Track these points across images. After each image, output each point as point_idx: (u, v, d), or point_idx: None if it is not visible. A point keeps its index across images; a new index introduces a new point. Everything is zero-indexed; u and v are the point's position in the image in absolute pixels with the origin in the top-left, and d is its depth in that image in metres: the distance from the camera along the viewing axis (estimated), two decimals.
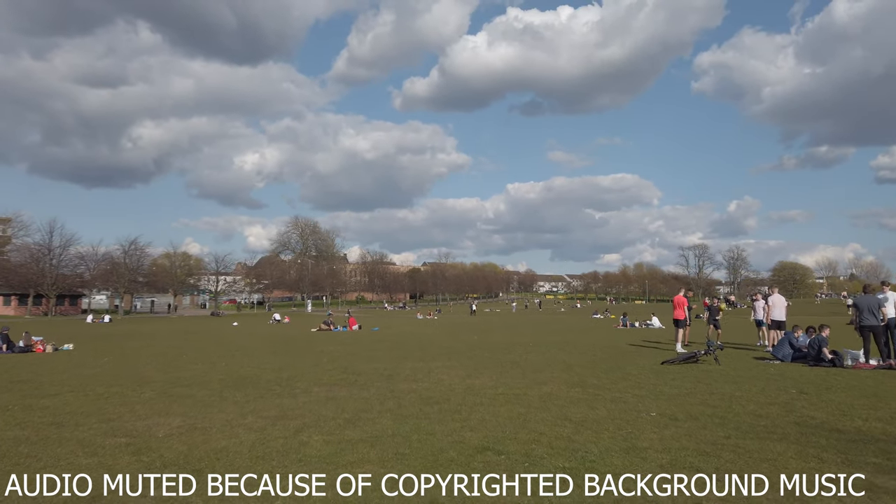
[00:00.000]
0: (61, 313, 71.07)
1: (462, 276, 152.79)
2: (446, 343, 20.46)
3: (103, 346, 21.30)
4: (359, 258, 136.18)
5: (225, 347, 19.64)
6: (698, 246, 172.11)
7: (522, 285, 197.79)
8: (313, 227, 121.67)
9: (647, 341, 20.92)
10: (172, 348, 19.53)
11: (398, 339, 23.41)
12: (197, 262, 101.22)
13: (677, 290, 21.92)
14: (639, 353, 16.37)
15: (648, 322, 34.16)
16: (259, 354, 16.75)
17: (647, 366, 13.01)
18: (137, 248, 77.71)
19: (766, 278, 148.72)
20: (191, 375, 11.85)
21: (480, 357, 15.07)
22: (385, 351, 17.48)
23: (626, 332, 28.64)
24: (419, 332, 28.47)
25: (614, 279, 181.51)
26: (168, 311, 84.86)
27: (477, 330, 30.53)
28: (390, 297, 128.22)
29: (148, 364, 14.32)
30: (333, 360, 14.81)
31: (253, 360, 14.91)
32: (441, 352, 16.87)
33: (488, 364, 13.36)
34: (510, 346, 18.83)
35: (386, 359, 14.86)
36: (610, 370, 12.15)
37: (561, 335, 25.05)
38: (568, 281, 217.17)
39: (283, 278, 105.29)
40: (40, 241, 67.94)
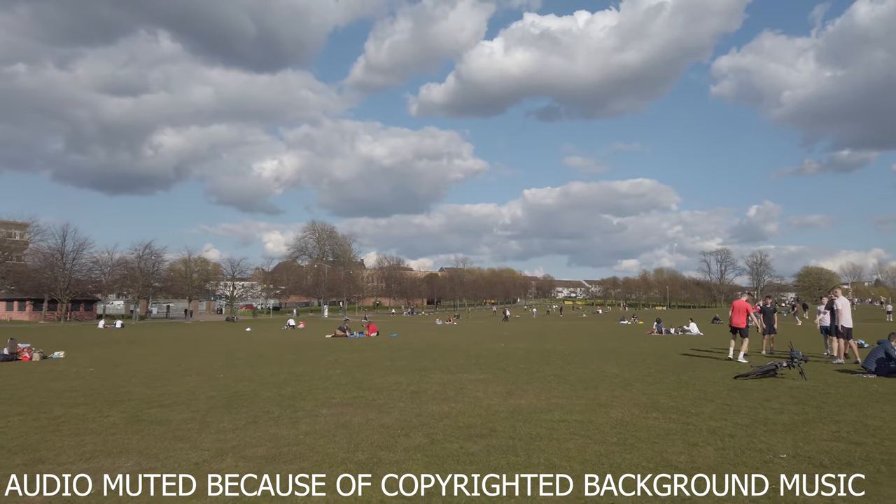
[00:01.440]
0: (76, 319, 70.22)
1: (480, 281, 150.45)
2: (472, 351, 18.44)
3: (101, 353, 19.61)
4: (375, 263, 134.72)
5: (229, 356, 17.83)
6: (720, 251, 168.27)
7: (540, 291, 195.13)
8: (330, 231, 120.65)
9: (696, 350, 18.68)
10: (173, 356, 17.77)
11: (420, 346, 21.44)
12: (215, 268, 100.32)
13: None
14: (695, 363, 14.20)
15: (686, 328, 31.76)
16: (264, 364, 14.89)
17: (719, 380, 10.89)
18: (153, 253, 76.77)
19: (791, 284, 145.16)
20: (178, 391, 9.98)
21: (516, 369, 13.03)
22: (406, 360, 15.51)
23: (663, 339, 26.35)
24: (441, 339, 26.48)
25: (634, 285, 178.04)
26: (185, 316, 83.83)
27: (501, 336, 28.45)
28: (408, 302, 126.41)
29: (136, 375, 12.50)
30: (348, 371, 12.88)
31: (255, 371, 13.03)
32: (469, 361, 14.87)
33: (528, 377, 11.32)
34: (545, 355, 16.76)
35: (408, 370, 12.89)
36: (678, 386, 10.04)
37: (595, 342, 22.89)
38: (587, 286, 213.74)
39: (300, 283, 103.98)
40: (53, 246, 67.12)
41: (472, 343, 23.14)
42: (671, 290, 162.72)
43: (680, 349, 18.97)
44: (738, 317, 15.07)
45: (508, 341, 24.25)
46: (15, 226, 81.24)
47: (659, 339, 26.73)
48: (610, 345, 21.46)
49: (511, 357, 16.07)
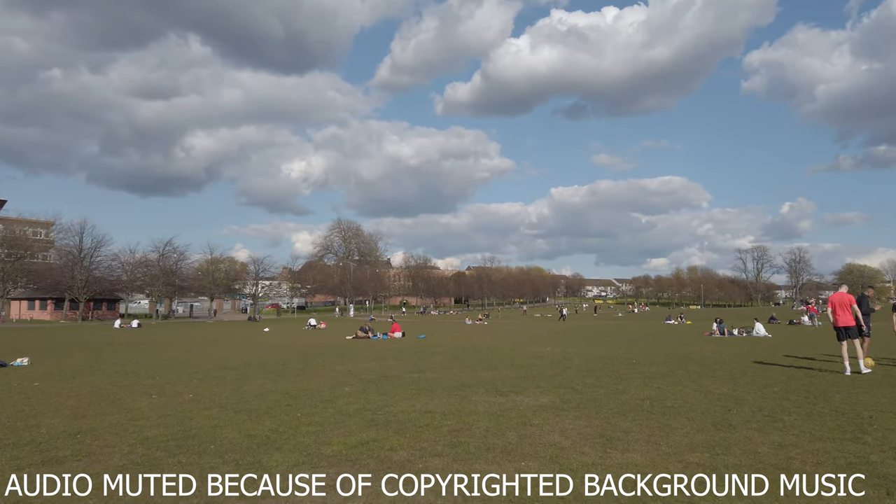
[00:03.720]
0: (99, 318, 68.70)
1: (508, 279, 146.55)
2: (517, 358, 15.05)
3: (79, 359, 16.76)
4: (402, 262, 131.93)
5: (223, 363, 14.76)
6: (756, 248, 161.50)
7: (570, 289, 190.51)
8: (356, 230, 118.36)
9: (792, 356, 14.94)
10: (157, 363, 14.78)
11: (451, 350, 18.13)
12: (243, 267, 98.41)
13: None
14: (822, 380, 10.51)
15: (749, 330, 27.79)
16: (260, 375, 11.75)
17: (888, 406, 7.44)
18: (175, 251, 74.99)
19: (831, 282, 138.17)
20: (106, 426, 6.81)
21: (586, 387, 9.61)
22: (438, 371, 12.21)
23: (729, 342, 22.51)
24: (475, 341, 23.09)
25: (667, 283, 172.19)
26: (208, 315, 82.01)
27: (542, 338, 24.95)
28: (435, 301, 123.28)
29: (80, 394, 9.44)
30: (361, 388, 9.62)
31: (240, 388, 9.87)
32: (518, 373, 11.50)
33: (614, 404, 7.90)
34: (609, 363, 13.30)
35: (441, 388, 9.57)
36: (852, 424, 6.54)
37: (658, 346, 19.28)
38: (616, 285, 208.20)
39: (326, 282, 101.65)
40: (71, 244, 65.54)
41: (511, 346, 19.75)
42: (705, 288, 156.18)
43: (768, 356, 15.27)
44: (844, 314, 11.42)
45: (553, 344, 20.79)
46: (39, 224, 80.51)
47: (725, 341, 22.93)
48: (679, 349, 17.85)
49: (569, 367, 12.65)
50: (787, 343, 20.98)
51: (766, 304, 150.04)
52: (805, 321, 40.31)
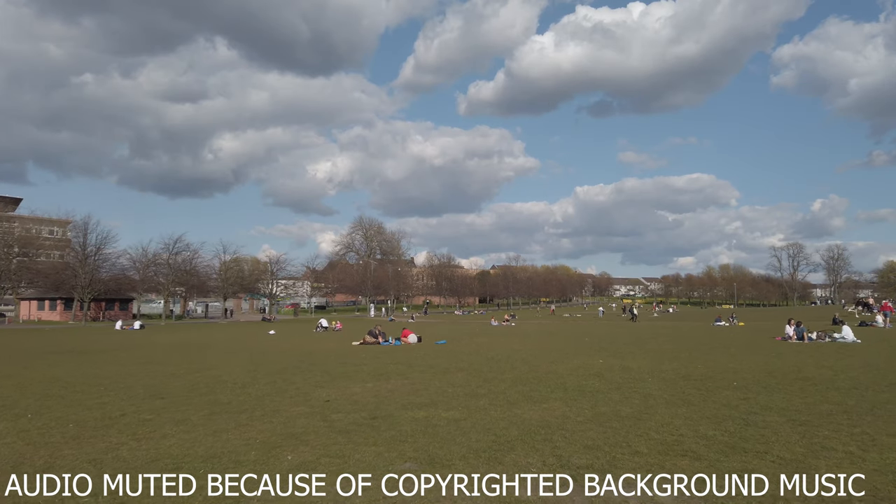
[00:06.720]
0: (110, 319, 66.32)
1: (534, 278, 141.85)
2: (568, 377, 11.04)
3: (37, 372, 13.29)
4: (426, 261, 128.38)
5: (161, 387, 11.05)
6: (792, 245, 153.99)
7: (597, 288, 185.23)
8: (378, 228, 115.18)
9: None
10: (83, 384, 11.16)
11: (477, 364, 14.20)
12: (265, 266, 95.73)
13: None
14: None
15: (836, 334, 23.27)
16: (179, 413, 7.99)
17: None
18: (187, 248, 72.13)
19: (869, 281, 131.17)
20: None
21: (699, 440, 5.62)
22: (456, 404, 8.30)
23: (821, 350, 18.19)
24: (505, 350, 19.06)
25: (697, 282, 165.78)
26: (223, 315, 79.33)
27: (585, 344, 20.86)
28: (459, 301, 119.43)
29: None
30: (322, 447, 5.80)
31: (115, 447, 6.13)
32: (580, 410, 7.53)
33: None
34: (700, 388, 9.22)
35: (460, 447, 5.66)
36: None
37: (736, 358, 15.08)
38: (645, 284, 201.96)
39: (345, 281, 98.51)
40: (76, 241, 63.00)
41: (552, 356, 15.73)
42: (738, 287, 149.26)
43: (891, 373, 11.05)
44: None
45: (603, 354, 16.73)
46: (54, 223, 78.75)
47: (815, 349, 18.57)
48: (775, 363, 13.69)
49: (650, 397, 8.63)
50: (891, 350, 16.61)
51: (802, 303, 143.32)
52: (878, 322, 35.44)
